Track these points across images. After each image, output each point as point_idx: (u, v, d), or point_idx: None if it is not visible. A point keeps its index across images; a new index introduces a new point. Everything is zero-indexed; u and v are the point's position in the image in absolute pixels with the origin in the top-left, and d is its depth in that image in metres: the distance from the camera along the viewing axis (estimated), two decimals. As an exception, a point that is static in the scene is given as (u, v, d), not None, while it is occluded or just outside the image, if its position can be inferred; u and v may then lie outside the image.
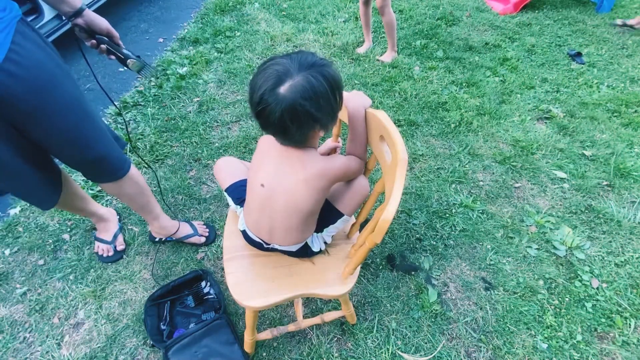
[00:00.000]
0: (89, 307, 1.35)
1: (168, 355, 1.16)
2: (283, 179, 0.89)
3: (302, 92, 0.74)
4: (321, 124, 0.81)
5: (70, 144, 1.03)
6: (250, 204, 0.98)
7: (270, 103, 0.74)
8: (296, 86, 0.74)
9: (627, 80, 2.51)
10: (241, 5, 3.33)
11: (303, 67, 0.75)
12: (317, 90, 0.75)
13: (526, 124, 2.15)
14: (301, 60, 0.76)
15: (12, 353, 1.24)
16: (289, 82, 0.74)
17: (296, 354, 1.22)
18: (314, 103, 0.75)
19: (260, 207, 0.95)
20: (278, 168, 0.89)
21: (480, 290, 1.41)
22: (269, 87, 0.74)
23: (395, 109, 2.23)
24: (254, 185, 0.94)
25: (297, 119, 0.76)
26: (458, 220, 1.64)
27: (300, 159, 0.87)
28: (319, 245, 1.04)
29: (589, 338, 1.28)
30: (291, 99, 0.73)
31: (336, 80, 0.79)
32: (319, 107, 0.76)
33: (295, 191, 0.88)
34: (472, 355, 1.24)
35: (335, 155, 0.95)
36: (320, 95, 0.76)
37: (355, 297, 1.38)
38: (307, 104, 0.74)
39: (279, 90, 0.74)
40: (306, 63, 0.76)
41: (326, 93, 0.77)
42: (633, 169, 1.85)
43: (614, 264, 1.48)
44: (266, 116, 0.77)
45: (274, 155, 0.90)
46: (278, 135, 0.85)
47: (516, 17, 3.23)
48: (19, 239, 1.56)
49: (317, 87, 0.75)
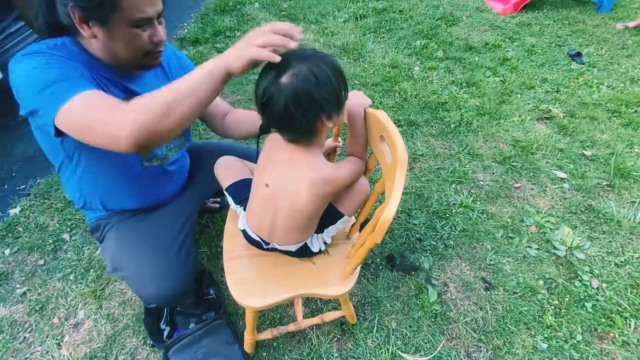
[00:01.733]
0: (89, 307, 1.35)
1: (168, 355, 1.16)
2: (288, 180, 0.88)
3: (304, 78, 0.73)
4: (326, 111, 0.79)
5: None
6: (253, 203, 0.98)
7: (274, 93, 0.74)
8: (298, 74, 0.73)
9: (627, 80, 2.51)
10: (241, 5, 3.33)
11: (304, 57, 0.75)
12: (319, 76, 0.74)
13: (526, 124, 2.15)
14: (301, 53, 0.76)
15: (12, 353, 1.24)
16: (290, 72, 0.73)
17: (296, 354, 1.22)
18: (316, 88, 0.74)
19: (262, 207, 0.95)
20: (283, 169, 0.89)
21: (480, 290, 1.41)
22: (270, 79, 0.74)
23: (395, 109, 2.23)
24: (258, 185, 0.94)
25: (300, 106, 0.75)
26: (458, 220, 1.64)
27: (307, 161, 0.86)
28: (318, 246, 1.04)
29: (589, 338, 1.28)
30: (293, 86, 0.73)
31: (338, 67, 0.79)
32: (322, 92, 0.76)
33: (298, 193, 0.87)
34: (472, 355, 1.24)
35: (341, 162, 0.94)
36: (322, 81, 0.75)
37: (355, 297, 1.38)
38: (310, 89, 0.74)
39: (281, 80, 0.73)
40: (306, 54, 0.76)
41: (328, 78, 0.76)
42: (633, 169, 1.85)
43: (614, 264, 1.48)
44: (271, 108, 0.76)
45: (280, 156, 0.90)
46: (285, 129, 0.83)
47: (516, 17, 3.23)
48: (19, 239, 1.56)
49: (319, 73, 0.74)
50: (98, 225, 1.12)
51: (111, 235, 1.09)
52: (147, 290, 1.04)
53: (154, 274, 1.03)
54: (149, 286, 1.03)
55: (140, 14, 0.81)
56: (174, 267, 1.06)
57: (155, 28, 0.88)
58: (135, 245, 1.07)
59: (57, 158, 0.97)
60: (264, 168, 0.93)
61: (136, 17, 0.81)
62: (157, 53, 0.93)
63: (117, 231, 1.09)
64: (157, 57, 0.94)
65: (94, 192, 1.06)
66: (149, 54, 0.90)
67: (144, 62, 0.93)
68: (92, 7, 0.77)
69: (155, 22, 0.87)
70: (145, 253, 1.05)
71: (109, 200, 1.08)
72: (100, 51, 0.88)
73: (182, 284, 1.07)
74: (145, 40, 0.86)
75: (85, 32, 0.82)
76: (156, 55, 0.93)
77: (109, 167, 1.00)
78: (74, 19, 0.79)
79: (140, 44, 0.86)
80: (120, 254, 1.07)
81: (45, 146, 0.96)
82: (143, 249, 1.06)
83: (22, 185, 1.80)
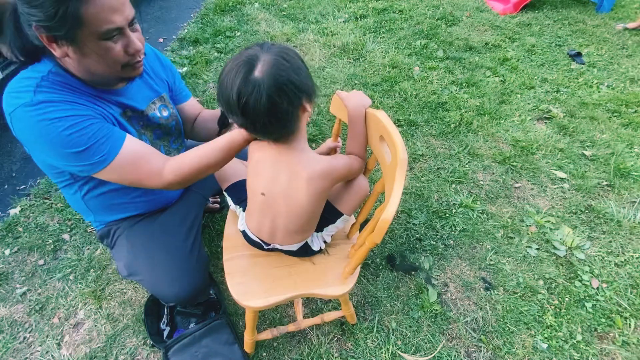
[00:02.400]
0: (89, 307, 1.35)
1: (168, 355, 1.16)
2: (283, 184, 0.87)
3: (277, 65, 0.70)
4: (307, 93, 0.76)
5: None
6: (251, 210, 0.98)
7: (252, 91, 0.69)
8: (269, 63, 0.70)
9: (627, 80, 2.51)
10: (241, 5, 3.33)
11: (267, 48, 0.72)
12: (290, 60, 0.72)
13: (526, 124, 2.15)
14: (262, 45, 0.73)
15: (12, 353, 1.24)
16: (260, 64, 0.70)
17: (296, 354, 1.22)
18: (292, 71, 0.72)
19: (261, 212, 0.94)
20: (276, 173, 0.87)
21: (480, 290, 1.41)
22: (241, 77, 0.69)
23: (395, 109, 2.23)
24: (254, 193, 0.93)
25: (284, 93, 0.71)
26: (458, 220, 1.64)
27: (299, 161, 0.85)
28: (318, 245, 1.04)
29: (589, 338, 1.28)
30: (271, 75, 0.69)
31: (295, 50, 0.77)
32: (299, 74, 0.73)
33: (296, 194, 0.87)
34: (472, 355, 1.24)
35: (337, 155, 0.95)
36: (294, 63, 0.73)
37: (355, 297, 1.38)
38: (288, 74, 0.71)
39: (254, 75, 0.69)
40: (268, 45, 0.73)
41: (298, 60, 0.74)
42: (633, 169, 1.85)
43: (614, 264, 1.48)
44: (252, 107, 0.70)
45: (269, 161, 0.88)
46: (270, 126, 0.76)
47: (516, 17, 3.23)
48: (19, 239, 1.56)
49: (289, 58, 0.72)
50: (107, 232, 1.12)
51: (122, 242, 1.10)
52: (166, 292, 1.05)
53: (171, 275, 1.04)
54: (167, 288, 1.04)
55: (108, 25, 0.75)
56: (189, 267, 1.08)
57: (129, 38, 0.80)
58: (148, 249, 1.07)
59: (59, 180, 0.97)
60: (256, 175, 0.91)
61: (103, 30, 0.75)
62: (137, 64, 0.86)
63: (128, 237, 1.09)
64: (138, 68, 0.88)
65: (102, 207, 1.07)
66: (128, 65, 0.85)
67: (124, 74, 0.87)
68: (55, 27, 0.72)
69: (127, 32, 0.79)
70: (159, 256, 1.06)
71: (116, 212, 1.09)
72: (76, 69, 0.84)
73: (198, 282, 1.09)
74: (119, 53, 0.80)
75: (56, 52, 0.78)
76: (136, 66, 0.87)
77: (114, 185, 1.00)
78: (42, 39, 0.75)
79: (115, 56, 0.80)
80: (135, 260, 1.07)
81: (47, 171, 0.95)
82: (156, 252, 1.07)
83: (22, 185, 1.80)
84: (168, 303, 1.19)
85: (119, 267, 1.10)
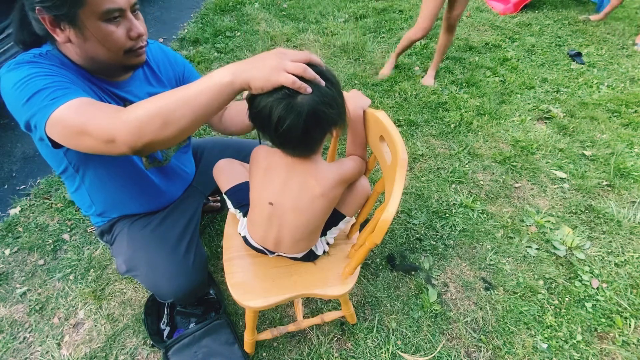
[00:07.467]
0: (89, 307, 1.35)
1: (168, 355, 1.16)
2: (294, 196, 0.86)
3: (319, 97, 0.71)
4: (337, 124, 0.79)
5: None
6: (255, 219, 0.96)
7: (292, 117, 0.70)
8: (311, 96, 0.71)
9: (627, 80, 2.51)
10: (241, 5, 3.33)
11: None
12: (329, 94, 0.73)
13: (526, 124, 2.15)
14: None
15: (12, 353, 1.24)
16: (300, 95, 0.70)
17: (296, 354, 1.22)
18: (329, 106, 0.73)
19: (267, 223, 0.93)
20: (286, 184, 0.86)
21: (480, 290, 1.41)
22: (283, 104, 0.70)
23: (395, 109, 2.23)
24: (259, 203, 0.91)
25: (319, 126, 0.75)
26: (458, 220, 1.64)
27: (312, 173, 0.84)
28: (322, 249, 1.04)
29: (589, 338, 1.28)
30: (310, 106, 0.71)
31: (337, 80, 0.78)
32: (335, 107, 0.75)
33: (307, 207, 0.86)
34: (472, 355, 1.24)
35: (342, 160, 0.94)
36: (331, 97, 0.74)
37: (355, 297, 1.38)
38: (324, 108, 0.72)
39: (297, 101, 0.70)
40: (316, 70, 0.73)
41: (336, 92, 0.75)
42: (633, 169, 1.85)
43: (614, 264, 1.48)
44: (287, 132, 0.72)
45: (280, 170, 0.87)
46: (298, 148, 0.80)
47: (516, 17, 3.23)
48: (19, 239, 1.56)
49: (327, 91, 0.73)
50: (108, 227, 1.12)
51: (122, 238, 1.10)
52: (163, 288, 1.06)
53: (169, 272, 1.05)
54: (165, 285, 1.05)
55: (109, 4, 0.75)
56: (187, 264, 1.08)
57: (131, 21, 0.80)
58: (147, 246, 1.08)
59: (61, 169, 0.96)
60: (264, 183, 0.89)
61: (105, 8, 0.74)
62: (140, 49, 0.85)
63: (128, 234, 1.10)
64: (141, 55, 0.86)
65: (104, 202, 1.07)
66: (130, 51, 0.83)
67: (127, 62, 0.85)
68: (57, 5, 0.72)
69: (128, 14, 0.79)
70: (158, 253, 1.06)
71: (117, 208, 1.10)
72: (78, 56, 0.83)
73: (196, 279, 1.10)
74: (121, 36, 0.80)
75: (59, 37, 0.78)
76: (139, 52, 0.85)
77: (114, 176, 1.00)
78: (45, 23, 0.76)
79: (117, 40, 0.80)
80: (133, 256, 1.07)
81: (48, 158, 0.94)
82: (155, 249, 1.07)
83: (22, 185, 1.80)
84: (165, 300, 1.19)
85: (118, 263, 1.10)
